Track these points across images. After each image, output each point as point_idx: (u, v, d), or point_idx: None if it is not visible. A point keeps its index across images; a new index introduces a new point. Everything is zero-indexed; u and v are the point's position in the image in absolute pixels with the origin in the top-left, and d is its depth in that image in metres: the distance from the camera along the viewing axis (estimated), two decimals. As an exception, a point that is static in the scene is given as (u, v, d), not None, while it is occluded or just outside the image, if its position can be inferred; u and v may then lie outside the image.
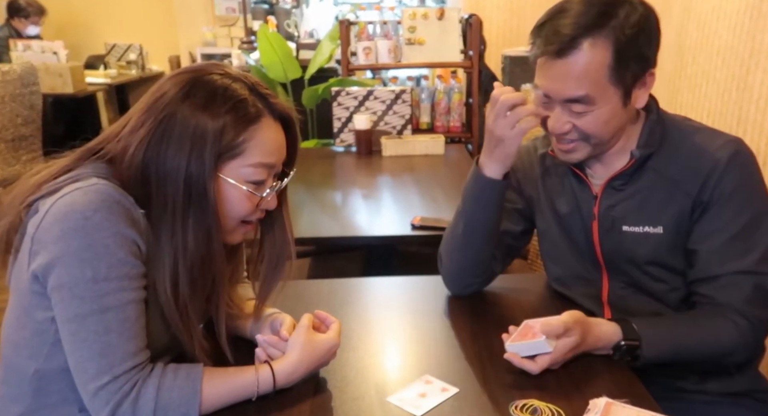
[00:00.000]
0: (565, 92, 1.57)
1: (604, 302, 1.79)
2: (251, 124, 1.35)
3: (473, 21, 4.66)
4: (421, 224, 2.47)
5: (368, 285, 2.03)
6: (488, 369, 1.49)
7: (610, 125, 1.61)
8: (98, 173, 1.30)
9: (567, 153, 1.68)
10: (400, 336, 1.69)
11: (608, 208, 1.72)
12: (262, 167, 1.38)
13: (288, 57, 4.94)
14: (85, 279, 1.22)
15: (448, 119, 4.66)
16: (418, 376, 1.47)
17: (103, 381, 1.22)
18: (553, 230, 1.86)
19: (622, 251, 1.72)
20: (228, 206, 1.38)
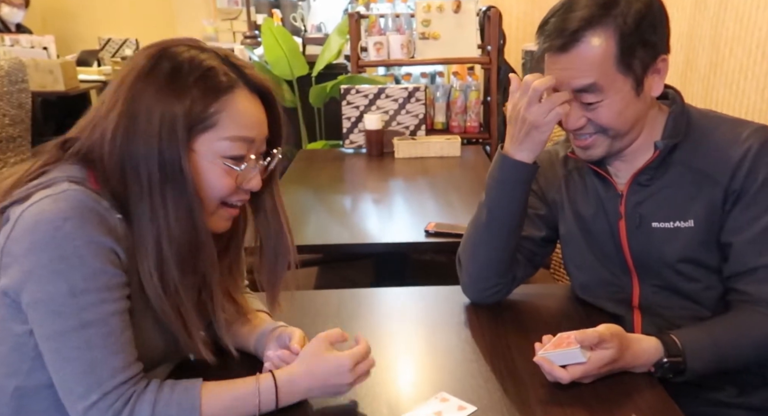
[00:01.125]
0: (573, 81, 1.62)
1: (635, 307, 1.79)
2: (222, 94, 1.34)
3: (492, 14, 4.66)
4: (435, 230, 2.46)
5: (379, 296, 2.03)
6: (508, 385, 1.49)
7: (625, 116, 1.65)
8: (71, 177, 1.29)
9: (586, 150, 1.72)
10: (414, 350, 1.68)
11: (635, 205, 1.73)
12: (239, 141, 1.37)
13: (294, 53, 4.95)
14: (61, 294, 1.21)
15: (464, 118, 4.66)
16: (433, 393, 1.47)
17: (91, 400, 1.22)
18: (576, 234, 1.87)
19: (653, 250, 1.72)
20: (206, 184, 1.37)
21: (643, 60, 1.61)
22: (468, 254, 1.88)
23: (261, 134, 1.43)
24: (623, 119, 1.64)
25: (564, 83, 1.63)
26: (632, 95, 1.63)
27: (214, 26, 7.98)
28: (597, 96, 1.61)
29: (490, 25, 4.69)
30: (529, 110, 1.65)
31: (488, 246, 1.83)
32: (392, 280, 2.64)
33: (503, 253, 1.83)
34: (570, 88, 1.63)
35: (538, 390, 1.46)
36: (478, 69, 4.96)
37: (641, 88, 1.63)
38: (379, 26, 4.72)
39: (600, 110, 1.63)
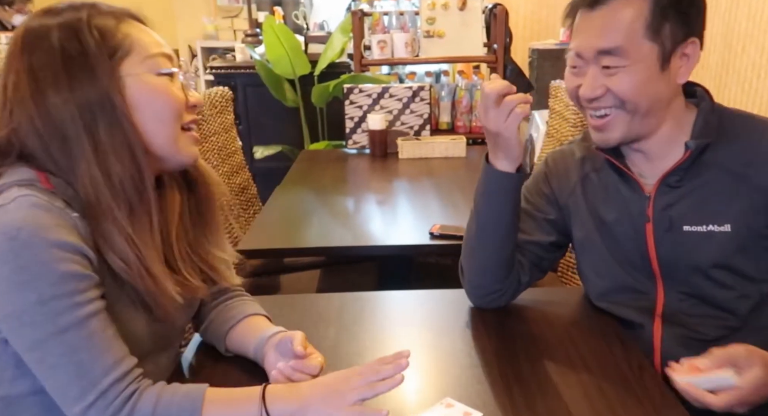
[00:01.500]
0: (597, 43, 1.60)
1: (657, 315, 1.75)
2: (122, 19, 1.39)
3: (498, 11, 4.66)
4: (440, 232, 2.47)
5: (383, 299, 2.02)
6: (515, 391, 1.48)
7: (645, 89, 1.61)
8: (20, 181, 1.27)
9: (602, 131, 1.69)
10: (419, 354, 1.68)
11: (664, 208, 1.69)
12: (161, 57, 1.40)
13: (296, 51, 4.95)
14: (30, 304, 1.19)
15: (470, 118, 4.65)
16: (438, 399, 1.46)
17: (89, 401, 1.22)
18: (596, 239, 1.83)
19: (683, 255, 1.68)
20: (157, 104, 1.38)
21: (673, 32, 1.58)
22: (465, 262, 1.89)
23: (170, 51, 1.46)
24: (643, 92, 1.60)
25: (588, 45, 1.62)
26: (656, 68, 1.59)
27: (214, 24, 7.98)
28: (619, 60, 1.59)
29: (496, 23, 4.68)
30: (487, 117, 1.66)
31: (482, 254, 1.84)
32: (396, 283, 2.64)
33: (498, 260, 1.83)
34: (593, 51, 1.61)
35: (546, 396, 1.46)
36: (484, 68, 4.97)
37: (667, 64, 1.60)
38: (383, 24, 4.71)
39: (620, 76, 1.60)
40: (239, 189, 3.60)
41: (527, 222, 1.93)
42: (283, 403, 1.32)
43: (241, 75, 5.43)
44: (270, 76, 5.05)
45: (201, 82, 7.76)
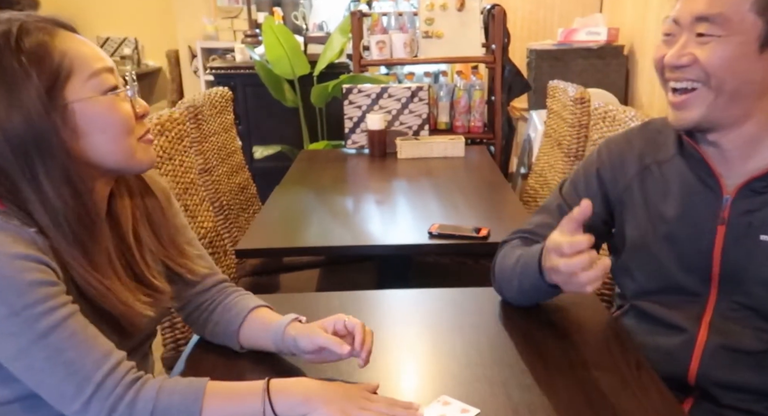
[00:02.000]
0: (696, 8, 1.48)
1: (704, 322, 1.63)
2: (53, 42, 1.30)
3: (496, 12, 4.67)
4: (439, 232, 2.46)
5: (382, 298, 2.03)
6: (512, 389, 1.48)
7: (736, 67, 1.47)
8: None
9: (681, 109, 1.56)
10: (417, 353, 1.68)
11: (744, 213, 1.57)
12: (104, 73, 1.34)
13: (295, 52, 4.95)
14: (3, 317, 1.19)
15: (468, 118, 4.66)
16: (436, 397, 1.46)
17: (87, 395, 1.22)
18: (651, 237, 1.71)
19: (753, 265, 1.55)
20: (107, 123, 1.34)
21: None
22: (500, 284, 1.88)
23: (110, 63, 1.38)
24: (733, 69, 1.47)
25: (689, 9, 1.50)
26: (754, 47, 1.45)
27: (214, 25, 7.97)
28: (716, 29, 1.46)
29: (494, 24, 4.69)
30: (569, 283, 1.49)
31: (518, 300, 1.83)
32: (395, 282, 2.64)
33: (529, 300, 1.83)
34: (691, 17, 1.49)
35: (543, 395, 1.46)
36: (482, 68, 4.96)
37: (767, 47, 1.46)
38: (382, 25, 4.71)
39: (712, 46, 1.47)
40: (239, 189, 3.61)
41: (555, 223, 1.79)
42: (287, 396, 1.32)
43: (241, 75, 5.43)
44: (269, 77, 5.05)
45: (201, 82, 7.77)
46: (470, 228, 2.47)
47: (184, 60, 8.27)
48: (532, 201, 3.83)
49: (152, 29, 8.32)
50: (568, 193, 1.88)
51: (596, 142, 2.89)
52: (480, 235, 2.43)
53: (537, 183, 3.85)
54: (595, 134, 2.99)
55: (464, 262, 3.20)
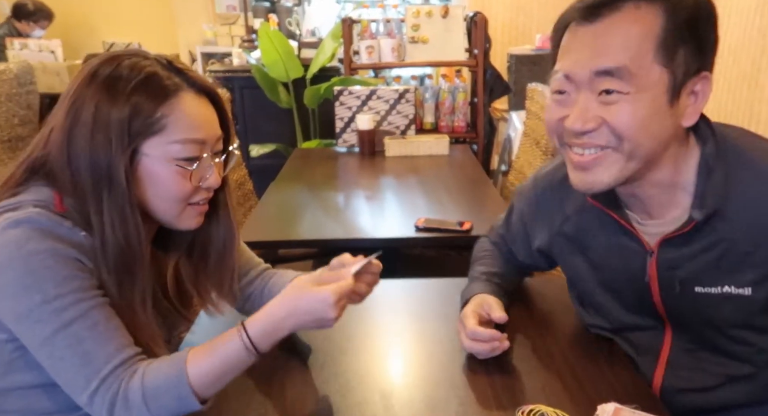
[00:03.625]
0: (595, 62, 1.24)
1: (662, 361, 1.51)
2: (168, 98, 1.32)
3: (478, 19, 4.67)
4: (425, 225, 2.47)
5: (371, 288, 2.02)
6: (494, 373, 1.49)
7: (649, 127, 1.25)
8: (37, 202, 1.28)
9: (587, 170, 1.32)
10: (404, 340, 1.68)
11: (670, 268, 1.39)
12: (189, 143, 1.34)
13: (290, 56, 4.94)
14: (36, 304, 1.20)
15: (452, 118, 4.66)
16: (424, 381, 1.47)
17: (92, 387, 1.22)
18: (588, 280, 1.58)
19: (696, 314, 1.41)
20: (162, 187, 1.35)
21: (687, 61, 1.24)
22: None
23: (212, 134, 1.40)
24: (646, 130, 1.25)
25: (584, 64, 1.26)
26: (664, 101, 1.24)
27: (213, 31, 7.95)
28: (623, 85, 1.22)
29: (476, 30, 4.69)
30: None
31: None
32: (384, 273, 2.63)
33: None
34: (590, 72, 1.25)
35: (522, 377, 1.47)
36: (465, 71, 4.97)
37: (676, 99, 1.25)
38: (371, 31, 4.71)
39: (621, 106, 1.23)
40: (236, 185, 3.60)
41: (516, 246, 1.80)
42: (261, 323, 1.30)
43: (238, 78, 5.41)
44: (265, 79, 5.03)
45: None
46: (454, 222, 2.47)
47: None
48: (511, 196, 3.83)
49: (155, 35, 8.28)
50: (510, 228, 1.83)
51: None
52: (463, 228, 2.43)
53: (516, 179, 3.85)
54: (571, 134, 2.99)
55: (448, 254, 3.20)
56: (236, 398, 1.41)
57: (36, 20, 7.13)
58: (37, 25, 7.14)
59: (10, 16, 7.15)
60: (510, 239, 1.83)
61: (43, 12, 7.20)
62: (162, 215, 1.39)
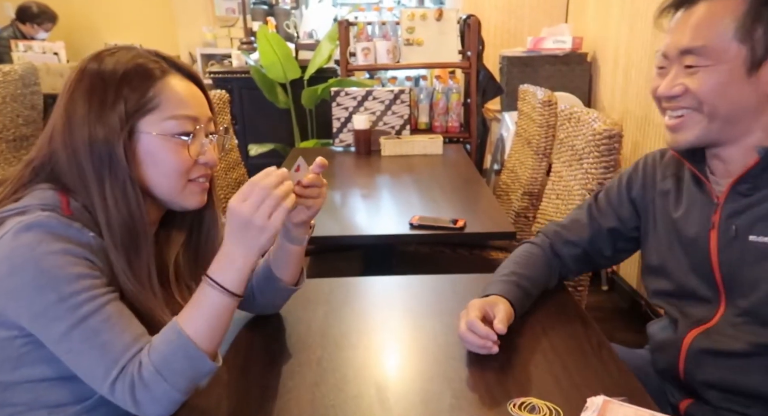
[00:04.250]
0: (681, 42, 1.44)
1: (703, 328, 1.56)
2: (157, 79, 1.37)
3: (471, 22, 4.66)
4: (419, 223, 2.46)
5: (367, 284, 2.03)
6: (486, 367, 1.49)
7: (726, 93, 1.41)
8: (43, 206, 1.30)
9: (675, 131, 1.51)
10: (400, 335, 1.68)
11: (731, 215, 1.50)
12: (183, 119, 1.38)
13: (287, 57, 4.94)
14: (52, 302, 1.22)
15: (446, 119, 4.66)
16: (416, 374, 1.47)
17: (113, 376, 1.23)
18: (664, 239, 1.67)
19: (746, 266, 1.48)
20: (162, 162, 1.38)
21: (766, 37, 1.38)
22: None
23: (203, 112, 1.44)
24: (724, 95, 1.41)
25: (674, 44, 1.46)
26: (742, 72, 1.39)
27: (213, 33, 7.94)
28: (702, 60, 1.41)
29: (469, 32, 4.68)
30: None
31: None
32: (379, 270, 2.64)
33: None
34: (677, 51, 1.45)
35: (515, 371, 1.47)
36: (458, 73, 4.97)
37: (755, 70, 1.39)
38: (367, 33, 4.70)
39: (700, 75, 1.42)
40: (235, 183, 3.60)
41: (585, 225, 1.84)
42: (218, 265, 1.31)
43: (237, 79, 5.41)
44: (263, 81, 5.03)
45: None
46: (448, 220, 2.47)
47: (185, 65, 8.23)
48: (504, 195, 3.84)
49: (156, 37, 8.26)
50: (602, 197, 1.85)
51: (563, 141, 2.90)
52: (457, 226, 2.43)
53: (509, 178, 3.86)
54: (561, 134, 2.99)
55: (443, 251, 3.21)
56: (236, 391, 1.41)
57: (40, 23, 7.16)
58: (41, 28, 7.18)
59: (15, 19, 7.18)
60: (600, 205, 1.85)
61: (46, 15, 7.22)
62: (166, 193, 1.42)
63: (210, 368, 1.28)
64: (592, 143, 2.42)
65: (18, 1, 7.27)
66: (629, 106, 4.13)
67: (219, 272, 1.30)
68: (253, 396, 1.39)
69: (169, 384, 1.24)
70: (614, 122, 2.38)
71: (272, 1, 7.70)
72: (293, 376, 1.47)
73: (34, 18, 7.14)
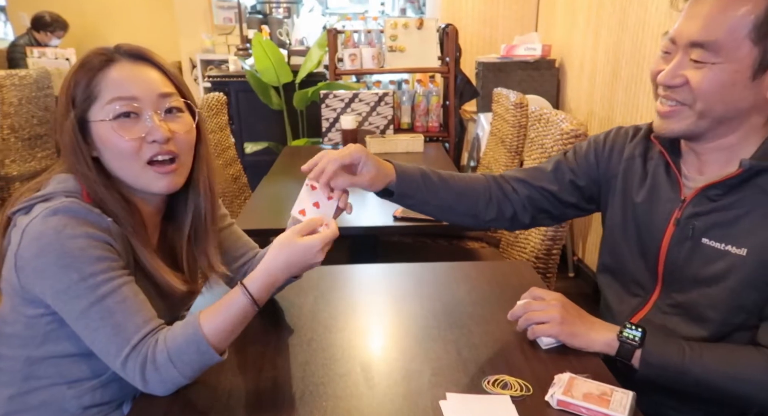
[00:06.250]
0: (693, 33, 1.30)
1: (638, 314, 1.56)
2: (99, 70, 1.35)
3: (450, 30, 4.66)
4: (402, 215, 2.47)
5: (354, 272, 2.02)
6: (462, 347, 1.49)
7: (725, 95, 1.31)
8: (67, 192, 1.32)
9: (665, 118, 1.41)
10: (383, 318, 1.68)
11: (692, 216, 1.44)
12: (119, 101, 1.34)
13: (280, 63, 4.92)
14: (74, 281, 1.24)
15: (426, 119, 4.68)
16: (401, 354, 1.47)
17: (124, 354, 1.25)
18: (618, 216, 1.62)
19: (691, 265, 1.45)
20: (109, 146, 1.36)
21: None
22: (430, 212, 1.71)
23: (147, 91, 1.37)
24: (722, 96, 1.31)
25: (685, 33, 1.32)
26: (747, 74, 1.28)
27: (211, 40, 7.91)
28: (710, 56, 1.29)
29: (448, 40, 4.68)
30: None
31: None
32: (365, 258, 2.63)
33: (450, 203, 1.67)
34: (686, 42, 1.32)
35: (489, 351, 1.47)
36: (438, 77, 4.97)
37: (762, 74, 1.28)
38: (353, 40, 4.70)
39: (705, 72, 1.30)
40: (232, 179, 3.59)
41: (548, 173, 1.72)
42: (259, 280, 1.32)
43: (234, 82, 5.38)
44: (258, 84, 5.01)
45: (200, 88, 7.71)
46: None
47: (185, 70, 8.21)
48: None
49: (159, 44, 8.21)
50: (570, 155, 1.74)
51: (533, 140, 2.90)
52: (436, 218, 2.43)
53: (484, 174, 3.86)
54: (532, 133, 3.00)
55: (424, 241, 3.20)
56: (232, 370, 1.40)
57: (53, 31, 7.20)
58: (53, 35, 7.21)
59: (30, 28, 7.28)
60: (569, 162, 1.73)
61: (59, 23, 7.25)
62: (128, 176, 1.39)
63: (214, 362, 1.30)
64: (560, 142, 2.42)
65: (33, 11, 7.32)
66: (593, 108, 4.14)
67: (256, 286, 1.31)
68: (249, 374, 1.39)
69: (178, 371, 1.26)
70: (580, 122, 2.38)
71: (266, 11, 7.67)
72: (286, 355, 1.46)
73: (47, 26, 7.18)
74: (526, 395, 1.30)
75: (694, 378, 1.36)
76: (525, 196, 1.71)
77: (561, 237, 2.53)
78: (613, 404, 1.22)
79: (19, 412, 1.38)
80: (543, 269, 2.48)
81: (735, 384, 1.35)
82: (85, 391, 1.39)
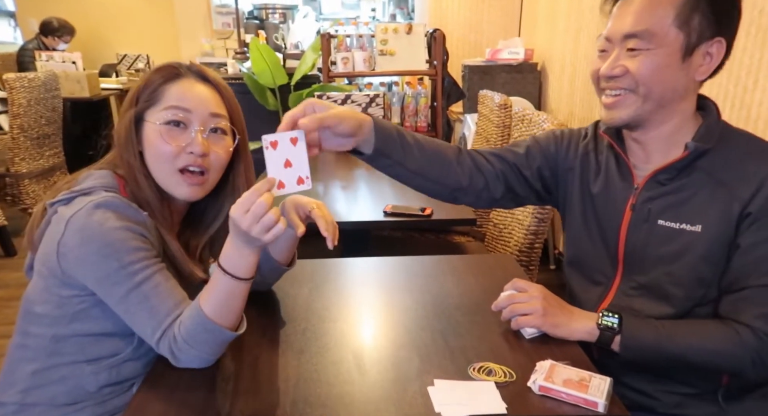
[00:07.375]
0: (624, 27, 1.39)
1: (605, 300, 1.58)
2: (172, 79, 1.45)
3: (437, 35, 4.66)
4: (392, 211, 2.47)
5: (346, 265, 2.02)
6: (448, 336, 1.49)
7: (662, 76, 1.39)
8: (106, 187, 1.40)
9: (612, 108, 1.46)
10: (374, 309, 1.68)
11: (647, 200, 1.49)
12: (173, 109, 1.43)
13: (276, 65, 4.90)
14: (114, 269, 1.30)
15: (415, 120, 4.67)
16: (391, 343, 1.47)
17: (157, 337, 1.32)
18: (577, 208, 1.65)
19: (650, 246, 1.49)
20: (151, 146, 1.44)
21: (702, 26, 1.36)
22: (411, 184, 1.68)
23: (201, 107, 1.45)
24: (659, 78, 1.39)
25: (618, 29, 1.41)
26: (677, 57, 1.37)
27: (210, 44, 7.89)
28: (644, 43, 1.37)
29: (436, 44, 4.68)
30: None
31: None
32: (357, 252, 2.63)
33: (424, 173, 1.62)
34: (620, 35, 1.40)
35: (474, 340, 1.47)
36: (426, 80, 4.96)
37: (689, 57, 1.38)
38: (346, 44, 4.69)
39: (641, 58, 1.38)
40: (231, 177, 3.58)
41: (521, 155, 1.71)
42: (227, 255, 1.30)
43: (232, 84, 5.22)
44: (255, 86, 5.00)
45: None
46: (417, 208, 2.47)
47: (186, 72, 8.19)
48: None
49: (161, 47, 8.21)
50: (534, 144, 1.73)
51: (517, 139, 2.90)
52: (425, 213, 2.44)
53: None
54: (515, 133, 3.00)
55: (413, 235, 3.20)
56: (231, 357, 1.40)
57: (60, 35, 7.21)
58: (61, 40, 7.22)
59: (39, 33, 7.30)
60: (534, 149, 1.72)
61: (66, 28, 7.26)
62: (160, 177, 1.46)
63: (229, 337, 1.33)
64: (542, 141, 2.42)
65: (41, 17, 7.33)
66: (573, 109, 4.14)
67: (228, 261, 1.31)
68: (246, 362, 1.39)
69: (197, 350, 1.31)
70: (561, 122, 2.39)
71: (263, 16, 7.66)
72: (281, 344, 1.46)
73: (55, 31, 7.19)
74: (510, 381, 1.30)
75: (669, 355, 1.41)
76: (500, 169, 1.69)
77: (543, 232, 2.54)
78: (592, 389, 1.23)
79: (40, 387, 1.41)
80: (526, 262, 2.49)
81: (706, 356, 1.40)
82: (103, 368, 1.42)
